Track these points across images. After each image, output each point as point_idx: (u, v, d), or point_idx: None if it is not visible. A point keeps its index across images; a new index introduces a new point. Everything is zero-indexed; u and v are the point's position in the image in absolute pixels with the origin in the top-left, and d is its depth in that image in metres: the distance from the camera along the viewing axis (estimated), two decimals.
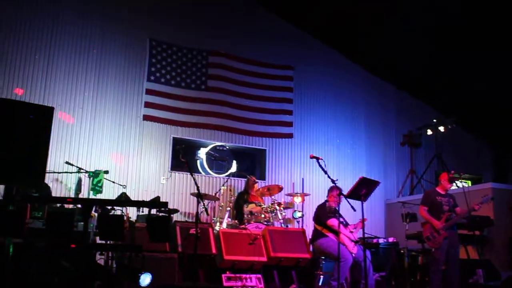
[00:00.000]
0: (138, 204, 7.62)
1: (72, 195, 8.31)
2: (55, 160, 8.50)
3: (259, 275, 7.17)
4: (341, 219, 7.10)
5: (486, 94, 10.82)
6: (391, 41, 10.52)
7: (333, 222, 7.01)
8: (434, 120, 11.52)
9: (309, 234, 7.87)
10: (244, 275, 7.03)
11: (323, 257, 7.49)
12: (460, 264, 7.42)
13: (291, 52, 11.20)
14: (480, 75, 10.41)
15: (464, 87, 10.94)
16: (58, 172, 8.37)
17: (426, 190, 8.57)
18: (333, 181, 6.47)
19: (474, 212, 7.38)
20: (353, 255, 6.97)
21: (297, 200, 9.68)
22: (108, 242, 5.35)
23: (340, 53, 11.70)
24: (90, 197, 7.82)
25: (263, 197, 9.41)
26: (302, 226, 9.02)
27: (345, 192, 6.88)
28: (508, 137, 11.89)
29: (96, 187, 7.83)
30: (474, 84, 10.70)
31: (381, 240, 8.17)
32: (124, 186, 8.50)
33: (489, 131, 12.30)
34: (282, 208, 8.83)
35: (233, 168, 9.84)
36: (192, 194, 8.84)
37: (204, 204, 6.71)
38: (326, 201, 7.46)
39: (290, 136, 10.74)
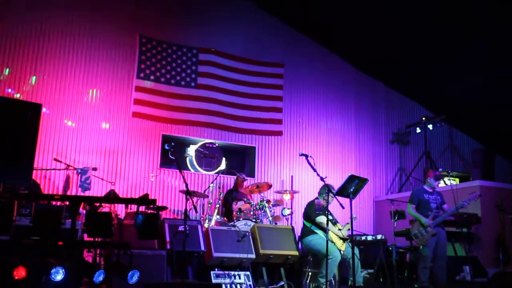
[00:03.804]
0: (127, 201, 7.59)
1: (60, 192, 8.27)
2: (43, 157, 8.47)
3: (248, 272, 7.19)
4: (330, 217, 7.13)
5: (475, 92, 10.90)
6: (382, 39, 10.56)
7: (321, 219, 7.04)
8: (423, 118, 11.59)
9: (298, 231, 7.89)
10: (232, 272, 7.05)
11: (311, 254, 7.51)
12: (448, 261, 7.50)
13: (281, 49, 11.21)
14: (468, 73, 10.47)
15: (453, 85, 11.01)
16: (47, 169, 8.32)
17: (414, 188, 8.63)
18: (322, 179, 6.49)
19: (462, 209, 7.45)
20: (342, 252, 7.01)
21: (286, 197, 9.72)
22: (96, 239, 5.35)
23: (330, 51, 11.72)
24: (78, 194, 7.78)
25: (252, 194, 9.43)
26: (291, 224, 9.06)
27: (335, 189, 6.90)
28: (496, 135, 11.99)
29: (84, 184, 7.79)
30: (463, 82, 10.77)
31: (369, 237, 8.20)
32: (112, 183, 8.48)
33: (478, 129, 12.40)
34: (271, 206, 8.86)
35: (223, 165, 9.83)
36: (181, 191, 8.84)
37: (193, 201, 6.71)
38: (316, 198, 7.49)
39: (279, 133, 10.75)
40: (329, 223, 6.78)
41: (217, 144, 10.05)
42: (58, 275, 4.14)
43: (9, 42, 8.68)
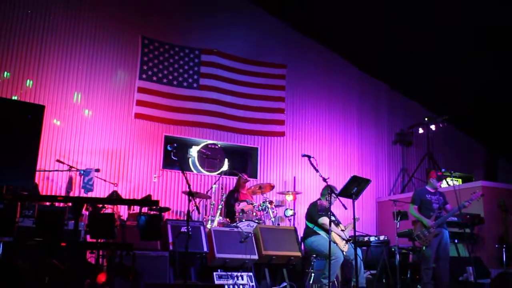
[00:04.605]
0: (129, 202, 7.59)
1: (63, 193, 8.30)
2: (46, 158, 8.48)
3: (251, 273, 7.19)
4: (333, 218, 7.13)
5: (477, 93, 10.89)
6: (384, 40, 10.55)
7: (324, 220, 7.04)
8: (426, 119, 11.58)
9: (300, 232, 7.89)
10: (235, 273, 7.05)
11: (314, 255, 7.51)
12: (450, 262, 7.47)
13: (283, 50, 11.21)
14: (470, 73, 10.46)
15: (455, 86, 11.00)
16: (49, 171, 8.33)
17: (416, 189, 8.63)
18: (324, 180, 6.48)
19: (465, 209, 7.43)
20: (344, 253, 7.01)
21: (289, 198, 9.71)
22: (99, 241, 5.36)
23: (333, 52, 11.72)
24: (81, 195, 7.79)
25: (255, 195, 9.43)
26: (294, 224, 9.05)
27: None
28: (499, 136, 11.97)
29: (87, 185, 7.80)
30: (465, 83, 10.76)
31: (372, 238, 8.20)
32: (115, 184, 8.49)
33: (480, 130, 12.38)
34: (273, 206, 8.86)
35: (225, 166, 9.83)
36: (183, 192, 8.84)
37: (195, 202, 6.71)
38: (318, 199, 7.48)
39: (282, 134, 10.75)
40: (332, 224, 6.78)
41: (219, 145, 10.05)
42: None
43: (11, 44, 8.69)
